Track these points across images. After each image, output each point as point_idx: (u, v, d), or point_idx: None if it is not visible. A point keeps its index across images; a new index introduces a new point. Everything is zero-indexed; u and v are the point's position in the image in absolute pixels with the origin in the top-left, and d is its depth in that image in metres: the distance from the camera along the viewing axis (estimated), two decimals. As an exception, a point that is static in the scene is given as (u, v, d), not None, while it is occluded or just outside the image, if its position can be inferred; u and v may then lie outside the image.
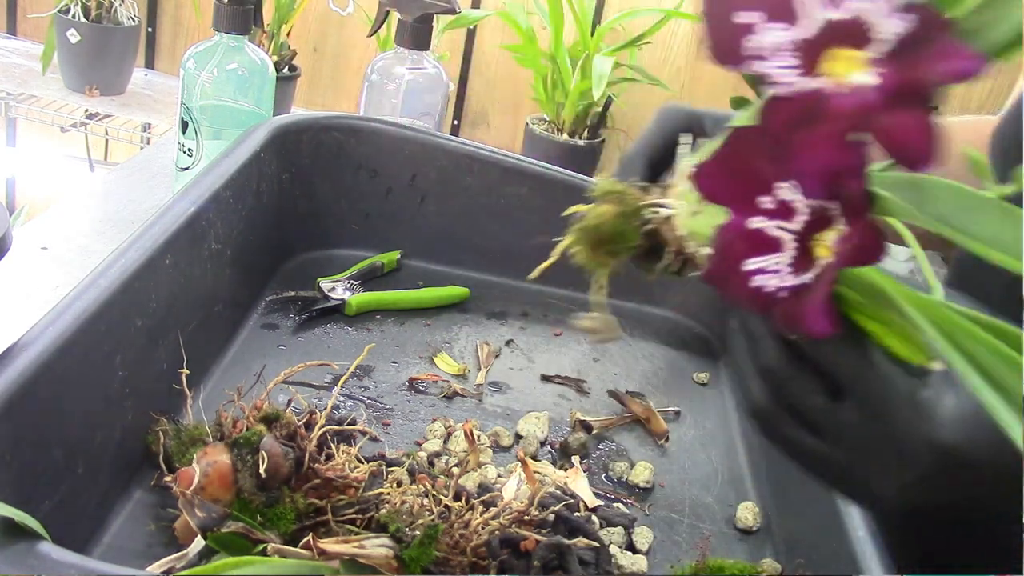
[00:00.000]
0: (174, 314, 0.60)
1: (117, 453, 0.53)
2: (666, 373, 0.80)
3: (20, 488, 0.44)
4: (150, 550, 0.50)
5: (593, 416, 0.70)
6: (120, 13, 1.81)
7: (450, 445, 0.64)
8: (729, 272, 0.33)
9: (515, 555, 0.50)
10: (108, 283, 0.52)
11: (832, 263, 0.32)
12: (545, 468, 0.63)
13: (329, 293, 0.78)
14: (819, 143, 0.30)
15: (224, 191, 0.68)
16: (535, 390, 0.74)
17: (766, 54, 0.30)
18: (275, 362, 0.69)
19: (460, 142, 0.87)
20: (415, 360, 0.74)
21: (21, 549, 0.38)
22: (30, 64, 1.93)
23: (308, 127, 0.82)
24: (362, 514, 0.50)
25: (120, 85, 1.88)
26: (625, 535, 0.59)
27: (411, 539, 0.48)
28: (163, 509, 0.53)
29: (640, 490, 0.65)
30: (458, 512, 0.50)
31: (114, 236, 0.87)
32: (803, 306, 0.32)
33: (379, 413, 0.67)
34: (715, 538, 0.61)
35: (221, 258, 0.68)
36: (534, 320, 0.84)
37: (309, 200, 0.83)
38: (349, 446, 0.55)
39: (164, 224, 0.60)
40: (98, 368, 0.51)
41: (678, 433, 0.72)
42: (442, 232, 0.87)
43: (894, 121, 0.29)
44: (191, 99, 0.83)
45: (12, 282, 0.77)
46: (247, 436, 0.49)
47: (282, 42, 1.83)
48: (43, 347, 0.46)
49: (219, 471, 0.48)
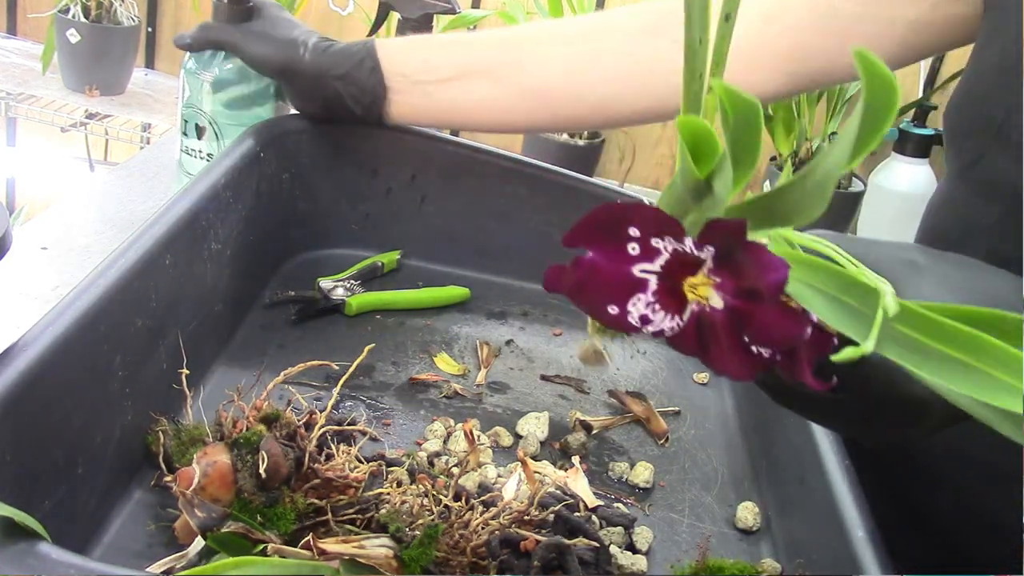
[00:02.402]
0: (174, 314, 0.60)
1: (117, 453, 0.53)
2: (666, 373, 0.80)
3: (20, 488, 0.44)
4: (150, 550, 0.50)
5: (593, 416, 0.70)
6: (120, 13, 1.81)
7: (450, 445, 0.64)
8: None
9: (515, 555, 0.50)
10: (108, 283, 0.52)
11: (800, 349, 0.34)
12: (545, 468, 0.63)
13: (329, 293, 0.78)
14: (727, 353, 0.33)
15: (224, 191, 0.68)
16: (535, 390, 0.74)
17: (646, 318, 0.33)
18: (275, 362, 0.69)
19: (460, 142, 0.87)
20: (415, 360, 0.74)
21: (21, 549, 0.38)
22: (30, 64, 1.94)
23: (308, 127, 0.82)
24: (362, 514, 0.50)
25: (120, 85, 1.88)
26: (625, 535, 0.59)
27: (411, 539, 0.48)
28: (163, 509, 0.53)
29: (640, 490, 0.65)
30: (458, 512, 0.50)
31: (114, 236, 0.87)
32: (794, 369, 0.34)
33: (379, 413, 0.67)
34: (715, 538, 0.61)
35: (221, 258, 0.68)
36: (534, 320, 0.84)
37: (309, 200, 0.83)
38: (349, 446, 0.55)
39: (164, 224, 0.60)
40: (98, 368, 0.51)
41: (678, 433, 0.72)
42: (442, 232, 0.87)
43: (758, 317, 0.32)
44: (202, 102, 0.82)
45: (12, 282, 0.77)
46: (247, 436, 0.49)
47: (282, 42, 1.83)
48: (43, 347, 0.46)
49: (219, 471, 0.48)
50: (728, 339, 0.33)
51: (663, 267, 0.33)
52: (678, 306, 0.33)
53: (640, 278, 0.33)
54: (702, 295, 0.33)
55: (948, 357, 0.30)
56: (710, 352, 0.34)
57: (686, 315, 0.33)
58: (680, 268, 0.33)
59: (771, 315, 0.32)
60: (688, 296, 0.33)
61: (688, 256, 0.32)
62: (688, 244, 0.32)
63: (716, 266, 0.32)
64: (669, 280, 0.33)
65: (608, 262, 0.33)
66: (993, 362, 0.29)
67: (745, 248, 0.31)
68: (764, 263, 0.31)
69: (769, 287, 0.31)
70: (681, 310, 0.33)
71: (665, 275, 0.33)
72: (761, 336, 0.33)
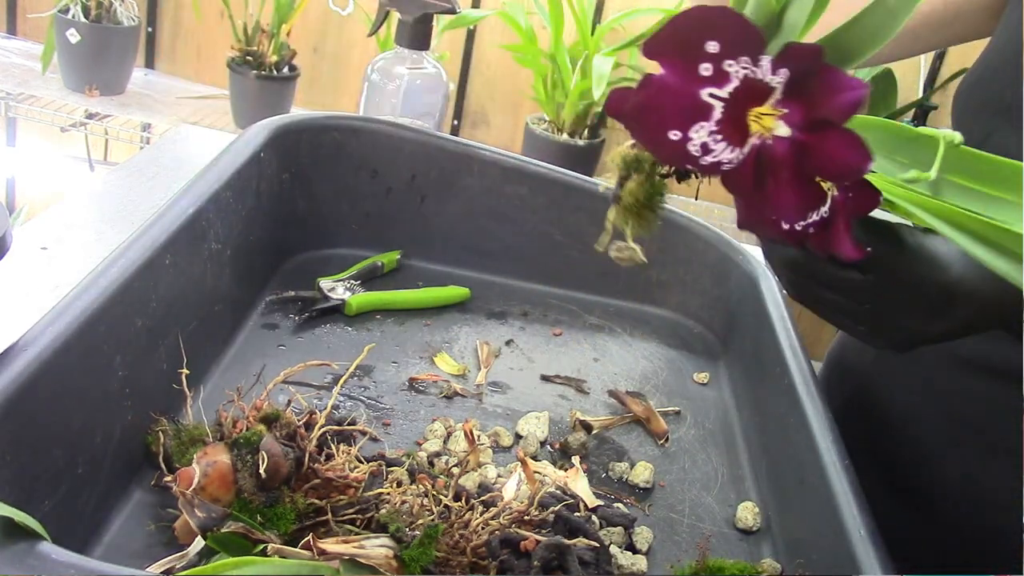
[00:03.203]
0: (174, 314, 0.60)
1: (117, 453, 0.53)
2: (666, 373, 0.80)
3: (20, 488, 0.44)
4: (150, 550, 0.50)
5: (593, 416, 0.70)
6: (120, 13, 1.81)
7: (450, 445, 0.64)
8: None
9: (515, 555, 0.50)
10: (108, 283, 0.52)
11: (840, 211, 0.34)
12: (545, 468, 0.63)
13: (329, 293, 0.78)
14: (783, 189, 0.33)
15: (224, 191, 0.68)
16: (535, 390, 0.74)
17: (706, 148, 0.33)
18: (275, 362, 0.69)
19: (460, 142, 0.87)
20: (415, 360, 0.74)
21: (21, 549, 0.38)
22: (30, 64, 1.94)
23: (308, 127, 0.82)
24: (362, 514, 0.50)
25: (120, 85, 1.88)
26: (625, 535, 0.59)
27: (411, 539, 0.48)
28: (163, 509, 0.53)
29: (640, 490, 0.65)
30: (458, 512, 0.50)
31: (114, 236, 0.87)
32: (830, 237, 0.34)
33: (379, 413, 0.67)
34: (715, 538, 0.61)
35: (221, 258, 0.68)
36: (534, 320, 0.84)
37: (309, 200, 0.83)
38: (349, 446, 0.55)
39: (164, 224, 0.60)
40: (98, 368, 0.51)
41: (678, 433, 0.72)
42: (442, 232, 0.87)
43: (822, 149, 0.31)
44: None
45: (12, 282, 0.77)
46: (247, 436, 0.49)
47: (282, 42, 1.84)
48: (43, 347, 0.46)
49: (219, 471, 0.48)
50: (788, 173, 0.32)
51: (731, 93, 0.32)
52: (740, 137, 0.32)
53: (706, 103, 0.32)
54: (766, 126, 0.32)
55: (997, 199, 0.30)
56: (765, 189, 0.33)
57: (747, 148, 0.32)
58: (747, 96, 0.32)
59: (838, 144, 0.31)
60: (751, 128, 0.32)
61: (758, 84, 0.31)
62: (764, 66, 0.31)
63: (786, 94, 0.31)
64: (735, 108, 0.32)
65: (678, 82, 0.32)
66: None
67: (820, 72, 0.30)
68: (840, 84, 0.30)
69: (844, 107, 0.30)
70: (743, 142, 0.32)
71: (732, 102, 0.32)
72: (826, 168, 0.32)
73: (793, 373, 0.66)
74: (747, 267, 0.82)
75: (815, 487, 0.57)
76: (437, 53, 1.81)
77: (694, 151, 0.32)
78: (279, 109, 1.83)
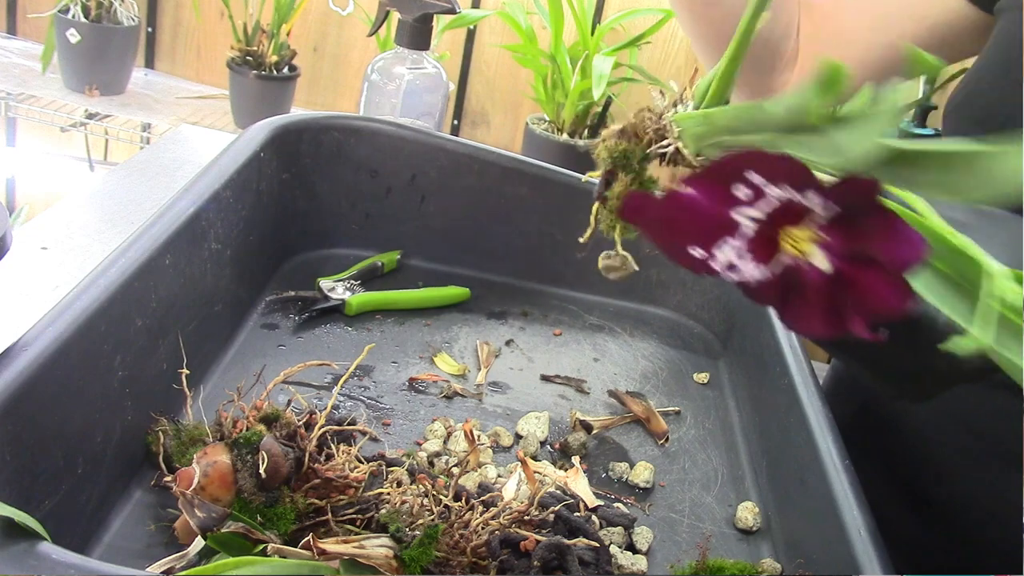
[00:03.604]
0: (174, 314, 0.60)
1: (117, 453, 0.53)
2: (666, 373, 0.80)
3: (20, 488, 0.44)
4: (150, 550, 0.50)
5: (593, 416, 0.70)
6: (120, 13, 1.81)
7: (450, 445, 0.64)
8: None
9: (515, 555, 0.50)
10: (108, 283, 0.52)
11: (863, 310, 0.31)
12: (545, 468, 0.63)
13: (329, 293, 0.78)
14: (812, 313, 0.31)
15: (224, 191, 0.68)
16: (535, 390, 0.74)
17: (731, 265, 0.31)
18: (275, 362, 0.69)
19: (460, 142, 0.87)
20: (415, 360, 0.74)
21: (21, 549, 0.38)
22: (30, 64, 1.93)
23: (308, 127, 0.82)
24: (362, 514, 0.50)
25: (120, 85, 1.88)
26: (625, 535, 0.59)
27: (411, 539, 0.48)
28: (163, 509, 0.53)
29: (640, 490, 0.65)
30: (458, 512, 0.50)
31: (114, 236, 0.87)
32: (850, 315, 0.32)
33: (379, 413, 0.67)
34: (715, 538, 0.61)
35: (221, 258, 0.68)
36: (534, 320, 0.84)
37: (309, 200, 0.83)
38: (349, 446, 0.55)
39: (164, 224, 0.60)
40: (98, 368, 0.51)
41: (678, 433, 0.72)
42: (442, 232, 0.87)
43: (860, 282, 0.29)
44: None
45: (12, 282, 0.77)
46: (247, 436, 0.49)
47: (282, 42, 1.84)
48: (43, 347, 0.46)
49: (219, 471, 0.48)
50: (820, 299, 0.30)
51: (767, 214, 0.29)
52: (768, 255, 0.30)
53: (734, 220, 0.29)
54: (801, 249, 0.30)
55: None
56: (791, 307, 0.31)
57: (775, 266, 0.30)
58: (784, 216, 0.29)
59: (879, 284, 0.29)
60: (783, 247, 0.30)
61: (798, 206, 0.29)
62: (812, 198, 0.28)
63: (831, 223, 0.29)
64: (767, 227, 0.29)
65: (708, 201, 0.29)
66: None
67: (876, 212, 0.28)
68: (900, 236, 0.28)
69: (898, 262, 0.28)
70: (770, 260, 0.30)
71: (766, 222, 0.29)
72: (863, 305, 0.30)
73: (793, 373, 0.66)
74: (747, 267, 0.82)
75: (815, 487, 0.57)
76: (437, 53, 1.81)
77: (718, 268, 0.30)
78: (279, 109, 1.83)
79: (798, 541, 0.59)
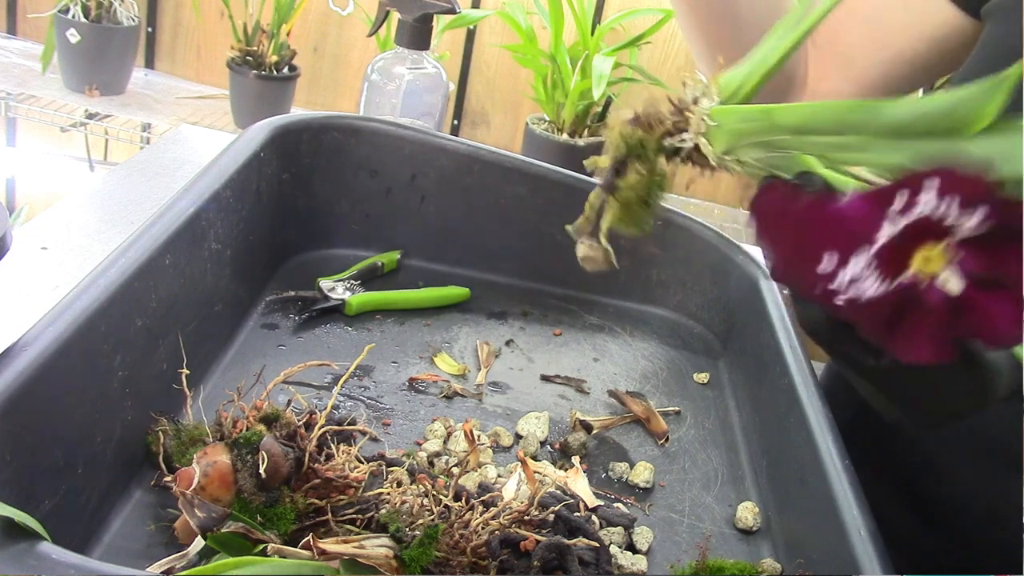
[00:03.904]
0: (174, 314, 0.60)
1: (117, 453, 0.53)
2: (666, 373, 0.80)
3: (20, 488, 0.44)
4: (150, 550, 0.50)
5: (593, 416, 0.70)
6: (120, 13, 1.81)
7: (450, 445, 0.64)
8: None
9: (515, 555, 0.50)
10: (108, 283, 0.52)
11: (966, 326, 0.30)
12: (545, 468, 0.63)
13: (329, 293, 0.78)
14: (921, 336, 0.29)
15: (224, 191, 0.68)
16: (535, 390, 0.74)
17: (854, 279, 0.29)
18: (275, 362, 0.69)
19: (460, 142, 0.87)
20: (415, 360, 0.74)
21: (21, 549, 0.38)
22: (30, 64, 1.94)
23: (308, 127, 0.82)
24: (362, 514, 0.50)
25: (120, 85, 1.88)
26: (625, 535, 0.59)
27: (411, 539, 0.48)
28: (163, 509, 0.53)
29: (640, 490, 0.65)
30: (458, 512, 0.50)
31: (114, 236, 0.87)
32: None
33: (379, 413, 0.67)
34: (715, 538, 0.61)
35: (221, 258, 0.68)
36: (534, 320, 0.84)
37: (309, 200, 0.83)
38: (349, 446, 0.55)
39: (164, 224, 0.60)
40: (98, 368, 0.51)
41: (678, 433, 0.72)
42: (442, 232, 0.87)
43: (980, 307, 0.28)
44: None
45: (12, 282, 0.77)
46: (247, 436, 0.49)
47: (282, 42, 1.84)
48: (43, 347, 0.46)
49: (219, 471, 0.48)
50: (933, 323, 0.28)
51: (913, 228, 0.27)
52: (897, 271, 0.28)
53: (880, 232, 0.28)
54: (930, 269, 0.28)
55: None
56: (898, 330, 0.29)
57: (894, 284, 0.28)
58: (929, 233, 0.27)
59: (1004, 311, 0.27)
60: (911, 264, 0.28)
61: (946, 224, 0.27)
62: (977, 215, 0.27)
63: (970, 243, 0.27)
64: (907, 242, 0.28)
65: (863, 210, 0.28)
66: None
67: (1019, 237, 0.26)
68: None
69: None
70: (898, 276, 0.28)
71: (908, 236, 0.28)
72: (979, 331, 0.28)
73: (793, 373, 0.66)
74: (747, 267, 0.82)
75: (815, 487, 0.57)
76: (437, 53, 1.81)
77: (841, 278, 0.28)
78: (279, 109, 1.83)
79: (798, 541, 0.59)
